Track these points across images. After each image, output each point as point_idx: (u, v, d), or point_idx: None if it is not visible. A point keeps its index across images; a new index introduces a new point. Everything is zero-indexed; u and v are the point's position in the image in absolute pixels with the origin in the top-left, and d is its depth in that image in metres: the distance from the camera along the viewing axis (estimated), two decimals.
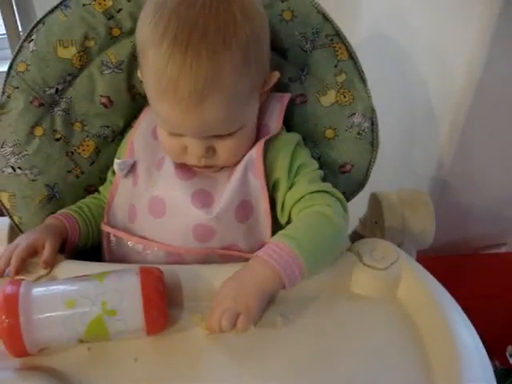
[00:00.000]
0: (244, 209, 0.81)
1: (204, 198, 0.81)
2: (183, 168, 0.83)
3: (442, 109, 1.07)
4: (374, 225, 0.97)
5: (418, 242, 0.95)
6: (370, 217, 0.99)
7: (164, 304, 0.70)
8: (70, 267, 0.80)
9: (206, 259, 0.81)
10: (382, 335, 0.74)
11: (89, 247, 0.91)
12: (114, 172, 0.89)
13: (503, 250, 1.33)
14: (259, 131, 0.83)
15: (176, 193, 0.81)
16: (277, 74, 0.81)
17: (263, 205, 0.81)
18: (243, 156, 0.81)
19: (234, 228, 0.81)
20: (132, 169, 0.87)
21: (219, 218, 0.79)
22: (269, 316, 0.74)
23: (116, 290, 0.70)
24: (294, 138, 0.85)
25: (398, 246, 0.90)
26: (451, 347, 0.68)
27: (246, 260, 0.74)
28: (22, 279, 0.72)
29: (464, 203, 1.19)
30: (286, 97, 0.87)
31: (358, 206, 0.97)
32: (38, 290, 0.70)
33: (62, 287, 0.71)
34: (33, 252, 0.79)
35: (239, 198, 0.80)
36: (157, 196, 0.83)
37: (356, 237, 1.07)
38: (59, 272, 0.79)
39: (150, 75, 0.73)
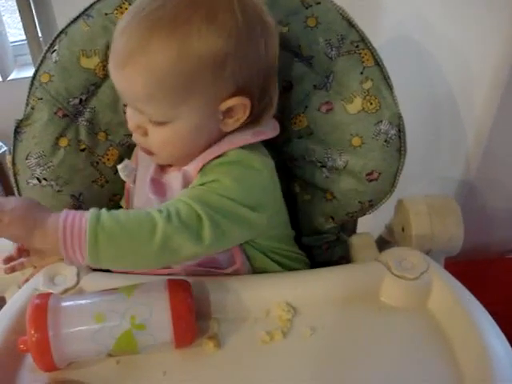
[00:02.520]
0: None
1: None
2: (157, 183, 0.83)
3: (468, 112, 1.05)
4: (401, 232, 0.96)
5: (446, 250, 0.93)
6: (396, 223, 0.98)
7: (193, 317, 0.70)
8: (97, 279, 0.80)
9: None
10: (413, 347, 0.73)
11: None
12: None
13: None
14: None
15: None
16: (243, 101, 0.75)
17: None
18: (182, 163, 0.79)
19: None
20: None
21: None
22: (297, 327, 0.74)
23: (145, 304, 0.69)
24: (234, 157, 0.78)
25: (426, 253, 0.90)
26: (483, 359, 0.67)
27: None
28: (51, 293, 0.72)
29: (489, 207, 1.17)
30: (261, 135, 0.81)
31: (384, 211, 0.95)
32: (66, 304, 0.70)
33: (90, 301, 0.71)
34: None
35: None
36: (139, 208, 0.84)
37: (382, 243, 1.06)
38: (86, 284, 0.79)
39: None
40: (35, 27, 1.49)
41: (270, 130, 0.82)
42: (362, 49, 0.86)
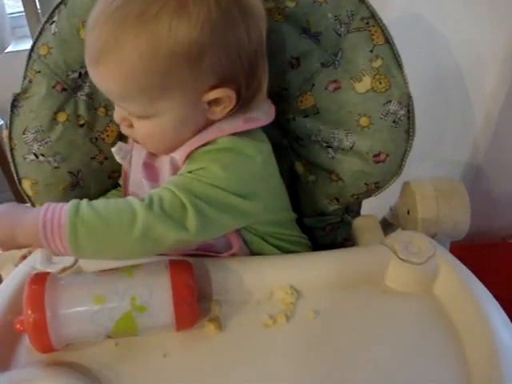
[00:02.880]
0: None
1: None
2: (149, 167, 0.81)
3: (477, 94, 1.03)
4: (406, 215, 0.94)
5: (452, 234, 0.91)
6: (401, 206, 0.96)
7: (194, 299, 0.68)
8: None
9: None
10: (418, 332, 0.71)
11: None
12: None
13: None
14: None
15: (143, 193, 0.78)
16: (226, 92, 0.72)
17: None
18: (169, 152, 0.77)
19: None
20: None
21: None
22: (301, 311, 0.73)
23: (145, 285, 0.67)
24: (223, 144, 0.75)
25: (432, 237, 0.88)
26: (490, 345, 0.66)
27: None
28: (49, 272, 0.70)
29: (494, 191, 1.15)
30: (253, 123, 0.77)
31: (388, 193, 0.93)
32: (64, 284, 0.68)
33: (89, 281, 0.69)
34: None
35: None
36: (133, 192, 0.83)
37: (386, 225, 1.05)
38: (84, 263, 0.77)
39: None
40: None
41: (264, 115, 0.79)
42: (372, 26, 0.83)
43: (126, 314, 0.66)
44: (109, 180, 0.92)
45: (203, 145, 0.74)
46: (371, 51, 0.83)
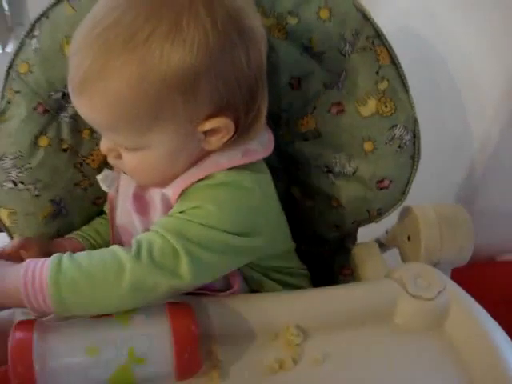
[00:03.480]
0: None
1: None
2: (139, 199, 0.75)
3: (474, 115, 1.00)
4: (406, 241, 0.90)
5: (455, 261, 0.88)
6: (401, 231, 0.92)
7: (197, 346, 0.62)
8: None
9: None
10: (430, 372, 0.68)
11: None
12: None
13: None
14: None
15: (133, 226, 0.75)
16: (224, 122, 0.66)
17: None
18: (161, 186, 0.71)
19: None
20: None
21: None
22: (309, 354, 0.68)
23: (143, 335, 0.62)
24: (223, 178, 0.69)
25: (435, 265, 0.85)
26: None
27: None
28: (34, 320, 0.63)
29: (483, 210, 1.13)
30: (252, 156, 0.72)
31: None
32: (53, 334, 0.61)
33: (81, 330, 0.63)
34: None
35: None
36: (122, 225, 0.77)
37: (380, 247, 1.01)
38: None
39: None
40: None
41: (262, 147, 0.73)
42: (377, 45, 0.79)
43: (123, 366, 0.60)
44: (93, 207, 0.86)
45: (198, 180, 0.68)
46: (377, 73, 0.79)
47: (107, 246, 0.77)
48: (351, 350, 0.70)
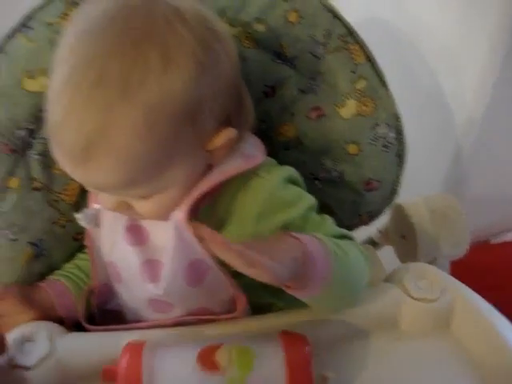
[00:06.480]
0: (196, 270, 0.68)
1: (152, 270, 0.69)
2: (135, 230, 0.71)
3: (456, 102, 0.98)
4: (401, 239, 0.88)
5: (452, 255, 0.86)
6: (394, 229, 0.90)
7: None
8: (74, 342, 0.68)
9: (183, 323, 0.70)
10: (442, 374, 0.66)
11: None
12: None
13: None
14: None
15: (126, 262, 0.71)
16: (231, 132, 0.64)
17: (212, 262, 0.67)
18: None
19: (190, 295, 0.69)
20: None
21: (169, 292, 0.68)
22: (317, 371, 0.62)
23: None
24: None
25: (432, 261, 0.83)
26: None
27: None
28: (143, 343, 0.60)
29: (475, 193, 1.11)
30: (253, 160, 0.69)
31: None
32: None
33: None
34: None
35: (186, 261, 0.67)
36: (112, 262, 0.73)
37: (372, 245, 1.00)
38: (62, 349, 0.66)
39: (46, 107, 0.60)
40: None
41: (257, 151, 0.71)
42: (350, 43, 0.76)
43: None
44: (74, 242, 0.81)
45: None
46: (353, 72, 0.76)
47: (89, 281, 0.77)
48: (360, 365, 0.67)
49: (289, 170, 0.71)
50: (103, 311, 0.77)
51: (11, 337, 0.67)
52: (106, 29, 0.56)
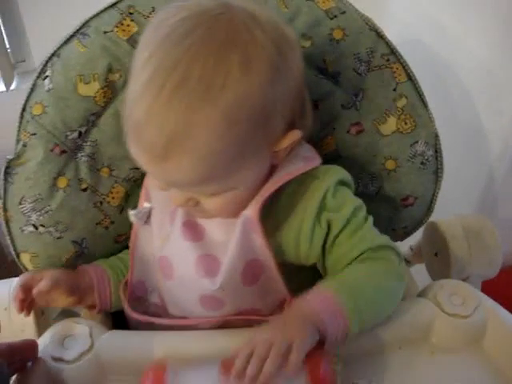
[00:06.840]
0: (252, 270, 0.70)
1: (208, 265, 0.71)
2: (191, 226, 0.73)
3: (492, 121, 0.99)
4: (434, 257, 0.88)
5: (484, 274, 0.87)
6: (427, 247, 0.91)
7: None
8: (114, 339, 0.70)
9: (224, 325, 0.72)
10: None
11: None
12: None
13: None
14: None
15: (181, 257, 0.72)
16: (296, 134, 0.66)
17: (271, 263, 0.70)
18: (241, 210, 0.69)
19: (243, 294, 0.71)
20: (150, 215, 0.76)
21: (224, 288, 0.69)
22: (349, 381, 0.66)
23: None
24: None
25: (465, 280, 0.83)
26: None
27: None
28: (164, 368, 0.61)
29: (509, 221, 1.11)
30: (313, 162, 0.72)
31: None
32: None
33: None
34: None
35: (244, 259, 0.69)
36: (165, 256, 0.74)
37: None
38: (102, 346, 0.68)
39: (126, 107, 0.62)
40: (1, 36, 1.34)
41: (314, 154, 0.74)
42: (393, 62, 0.78)
43: None
44: (115, 245, 0.84)
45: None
46: (394, 90, 0.78)
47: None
48: (392, 377, 0.68)
49: (343, 173, 0.73)
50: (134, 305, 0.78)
51: (54, 332, 0.70)
52: (189, 34, 0.58)
